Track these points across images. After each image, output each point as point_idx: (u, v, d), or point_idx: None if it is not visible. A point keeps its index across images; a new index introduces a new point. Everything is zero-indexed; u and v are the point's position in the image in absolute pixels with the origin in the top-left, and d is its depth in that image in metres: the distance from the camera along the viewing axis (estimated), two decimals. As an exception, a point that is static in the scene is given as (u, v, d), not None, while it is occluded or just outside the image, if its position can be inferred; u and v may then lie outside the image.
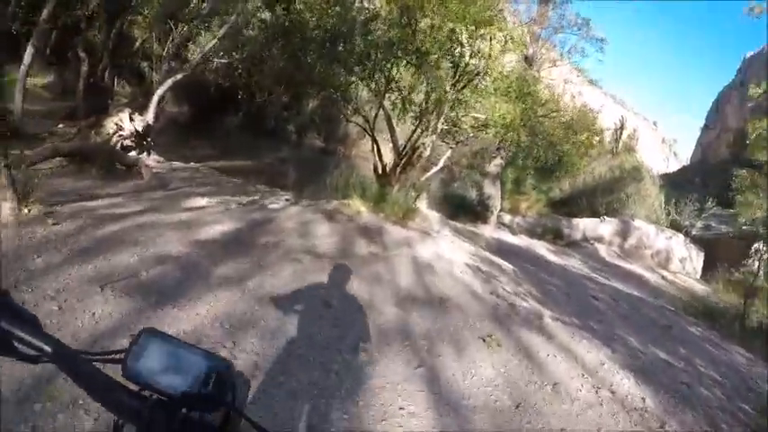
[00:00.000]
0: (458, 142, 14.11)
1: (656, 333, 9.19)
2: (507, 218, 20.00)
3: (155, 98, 13.37)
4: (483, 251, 11.87)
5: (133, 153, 11.86)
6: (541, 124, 13.44)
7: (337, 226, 9.73)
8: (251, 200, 10.61)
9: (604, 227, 20.43)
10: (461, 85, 11.81)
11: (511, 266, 10.83)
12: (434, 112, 11.74)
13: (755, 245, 19.48)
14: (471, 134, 13.19)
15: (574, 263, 16.34)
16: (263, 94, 23.01)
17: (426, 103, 11.73)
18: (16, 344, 1.04)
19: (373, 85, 12.50)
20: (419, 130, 12.37)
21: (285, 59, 12.37)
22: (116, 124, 11.71)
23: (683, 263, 20.38)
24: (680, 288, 17.43)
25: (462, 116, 11.87)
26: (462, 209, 17.86)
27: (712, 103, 55.79)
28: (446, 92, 11.41)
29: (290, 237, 8.64)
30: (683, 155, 78.39)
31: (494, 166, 17.98)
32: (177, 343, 1.09)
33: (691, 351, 8.49)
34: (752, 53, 48.24)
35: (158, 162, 13.16)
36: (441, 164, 13.82)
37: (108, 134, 11.46)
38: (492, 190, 17.75)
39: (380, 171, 12.89)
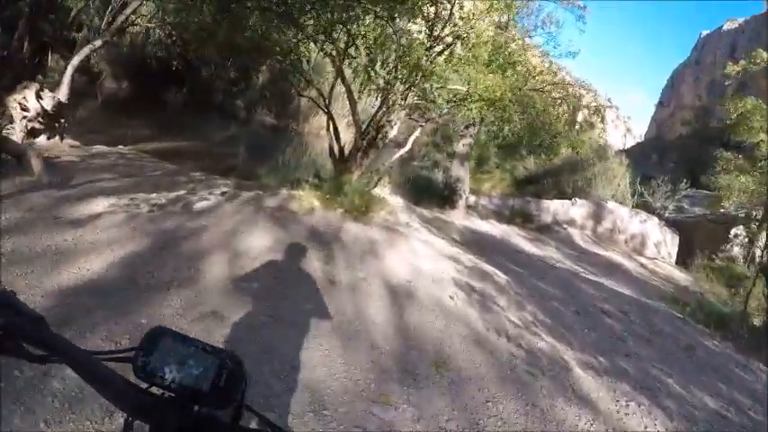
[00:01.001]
0: (428, 120, 11.64)
1: (683, 361, 7.42)
2: (472, 199, 17.67)
3: (68, 71, 10.72)
4: (465, 253, 9.56)
5: (41, 138, 9.49)
6: (532, 99, 11.12)
7: (282, 232, 7.29)
8: (174, 197, 7.88)
9: (576, 210, 18.28)
10: (437, 50, 9.36)
11: (503, 276, 8.57)
12: (406, 83, 9.24)
13: (734, 229, 17.77)
14: (446, 110, 10.77)
15: (553, 253, 14.16)
16: (209, 68, 20.52)
17: (396, 70, 9.21)
18: (24, 344, 0.99)
19: (330, 47, 9.81)
20: (384, 106, 9.89)
21: (218, 17, 9.54)
22: (19, 103, 9.10)
23: (657, 247, 18.39)
24: (662, 277, 15.46)
25: (438, 88, 9.41)
26: (428, 193, 15.52)
27: (667, 81, 55.21)
28: (425, 53, 8.95)
29: (211, 262, 5.90)
30: (636, 132, 77.39)
31: (462, 146, 15.64)
32: (188, 340, 1.00)
33: (729, 384, 6.95)
34: (707, 32, 47.95)
35: (72, 147, 10.40)
36: (409, 144, 11.32)
37: (9, 115, 8.95)
38: (461, 172, 15.44)
39: (338, 154, 10.41)
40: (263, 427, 1.04)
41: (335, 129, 10.36)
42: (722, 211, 17.70)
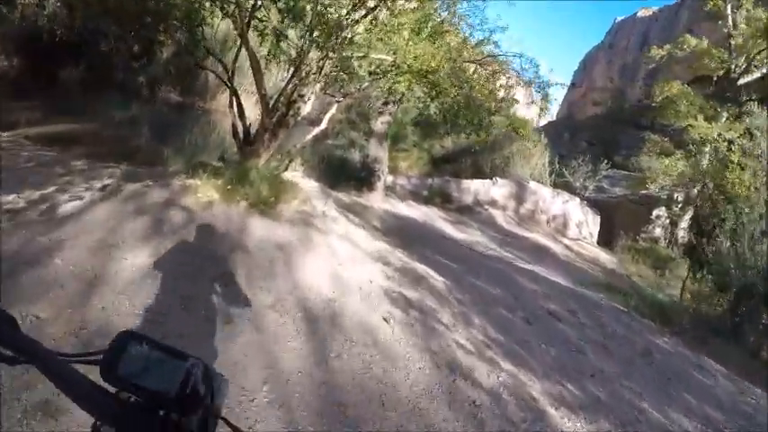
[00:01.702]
0: (346, 95, 10.14)
1: (645, 370, 6.47)
2: (389, 179, 16.33)
3: None
4: (391, 247, 8.31)
5: None
6: (465, 73, 9.80)
7: (167, 242, 5.55)
8: (38, 197, 6.03)
9: (497, 190, 17.23)
10: (359, 16, 7.72)
11: (439, 278, 7.28)
12: (323, 50, 7.70)
13: (656, 210, 17.19)
14: (368, 83, 9.32)
15: (478, 237, 13.12)
16: (108, 42, 18.36)
17: (311, 34, 7.62)
18: None
19: (233, 8, 7.99)
20: (297, 78, 8.31)
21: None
22: None
23: (579, 228, 17.62)
24: (588, 260, 14.70)
25: (359, 57, 7.92)
26: (344, 174, 14.07)
27: (580, 63, 55.84)
28: (345, 17, 7.40)
29: (57, 307, 3.94)
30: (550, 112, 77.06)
31: (380, 123, 14.23)
32: (156, 345, 0.97)
33: (696, 396, 6.11)
34: (622, 18, 49.25)
35: None
36: (324, 122, 9.76)
37: None
38: (379, 152, 14.04)
39: (242, 136, 8.76)
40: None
41: (240, 105, 8.69)
42: (643, 192, 17.08)
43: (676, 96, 16.25)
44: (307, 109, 8.63)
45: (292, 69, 8.50)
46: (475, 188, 17.12)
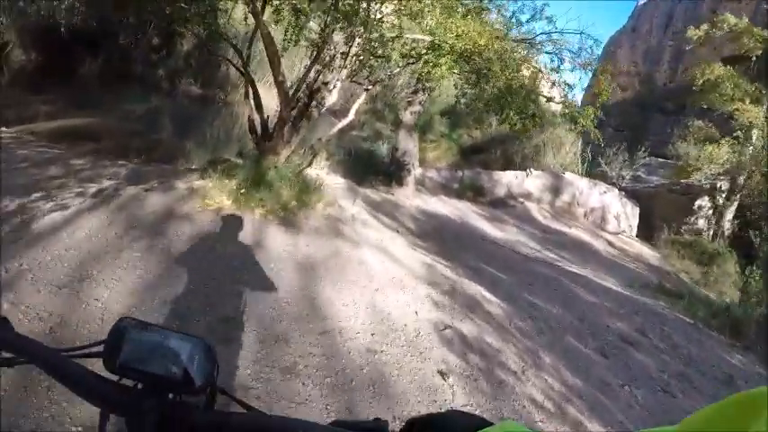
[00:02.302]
0: (376, 82, 8.84)
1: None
2: (419, 171, 15.07)
3: None
4: (431, 257, 7.20)
5: None
6: (515, 54, 8.43)
7: (153, 273, 4.33)
8: (16, 207, 4.88)
9: (531, 181, 15.84)
10: None
11: (493, 299, 6.05)
12: (347, 31, 6.46)
13: (699, 201, 15.73)
14: (399, 68, 8.06)
15: (518, 235, 11.82)
16: (127, 34, 17.23)
17: (335, 16, 6.31)
18: None
19: None
20: (319, 63, 7.06)
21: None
22: None
23: (618, 220, 16.17)
24: (632, 256, 13.32)
25: (392, 38, 6.62)
26: (372, 169, 12.83)
27: (603, 48, 53.92)
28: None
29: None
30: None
31: (409, 114, 12.94)
32: (156, 329, 0.92)
33: None
34: (644, 1, 47.38)
35: None
36: (352, 113, 8.43)
37: None
38: (409, 144, 12.77)
39: (260, 130, 7.55)
40: (237, 409, 0.93)
41: (256, 95, 7.45)
42: (684, 181, 15.63)
43: (720, 79, 14.70)
44: (332, 99, 7.42)
45: (314, 53, 7.24)
46: (507, 180, 15.77)
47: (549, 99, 10.01)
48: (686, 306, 8.77)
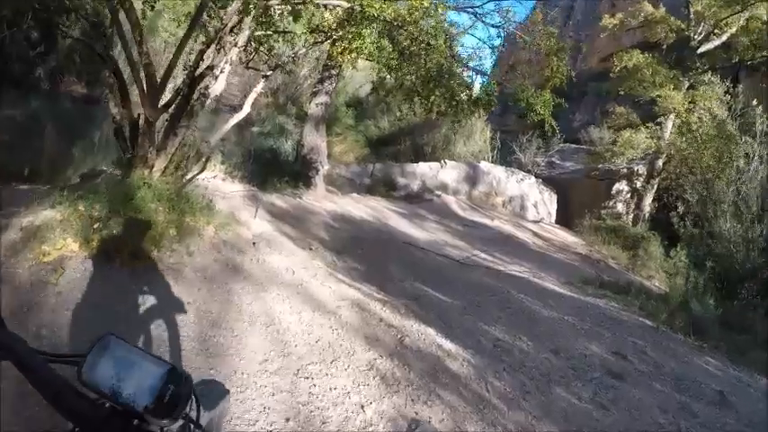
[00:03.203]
0: (277, 66, 6.97)
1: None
2: (327, 167, 13.26)
3: None
4: (359, 291, 5.52)
5: None
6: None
7: None
8: None
9: (446, 173, 14.41)
10: None
11: (455, 349, 4.47)
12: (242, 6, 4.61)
13: (617, 185, 14.75)
14: (306, 48, 6.27)
15: (441, 234, 10.33)
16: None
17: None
18: None
19: None
20: (201, 40, 5.16)
21: None
22: None
23: (537, 208, 15.07)
24: (559, 246, 12.11)
25: (294, 5, 4.75)
26: (275, 170, 10.97)
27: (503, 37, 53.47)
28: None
29: None
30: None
31: (315, 105, 11.13)
32: (136, 351, 0.92)
33: None
34: None
35: None
36: (247, 106, 6.49)
37: None
38: (316, 139, 10.94)
39: (127, 132, 5.54)
40: None
41: (122, 86, 5.49)
42: (600, 166, 14.59)
43: (640, 66, 13.76)
44: (219, 87, 5.50)
45: (192, 28, 5.29)
46: (421, 172, 14.28)
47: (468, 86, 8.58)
48: (641, 306, 7.64)
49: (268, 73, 6.76)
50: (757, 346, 6.77)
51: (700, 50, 14.36)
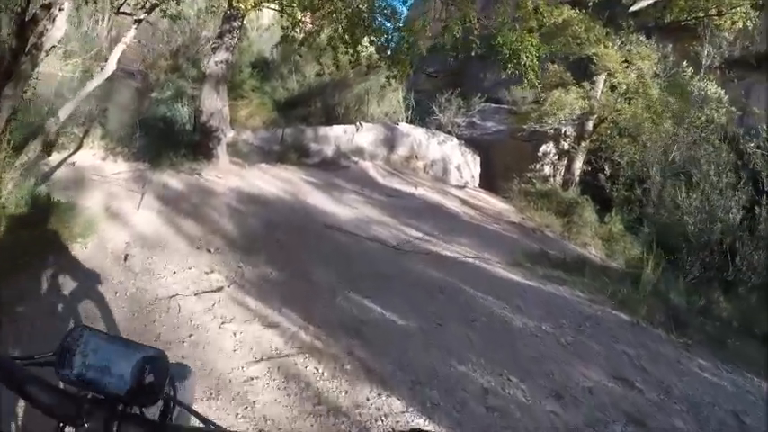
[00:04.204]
0: (154, 6, 5.00)
1: None
2: (230, 133, 11.33)
3: None
4: (292, 344, 3.77)
5: None
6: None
7: None
8: None
9: (362, 136, 12.71)
10: None
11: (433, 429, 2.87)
12: None
13: (544, 147, 13.61)
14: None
15: (364, 208, 8.71)
16: None
17: None
18: None
19: None
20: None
21: None
22: None
23: (459, 171, 13.65)
24: (491, 215, 10.74)
25: None
26: (171, 141, 9.03)
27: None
28: None
29: None
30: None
31: (215, 64, 9.10)
32: (109, 338, 0.88)
33: None
34: None
35: None
36: (112, 64, 4.57)
37: None
38: (216, 103, 8.95)
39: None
40: (194, 423, 0.91)
41: None
42: (525, 126, 13.27)
43: (571, 23, 12.34)
44: (58, 33, 3.67)
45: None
46: (335, 135, 12.58)
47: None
48: (610, 294, 6.35)
49: (141, 17, 4.89)
50: (732, 334, 5.84)
51: (632, 9, 13.20)
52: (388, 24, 7.17)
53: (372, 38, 6.21)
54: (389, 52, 6.76)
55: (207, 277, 4.27)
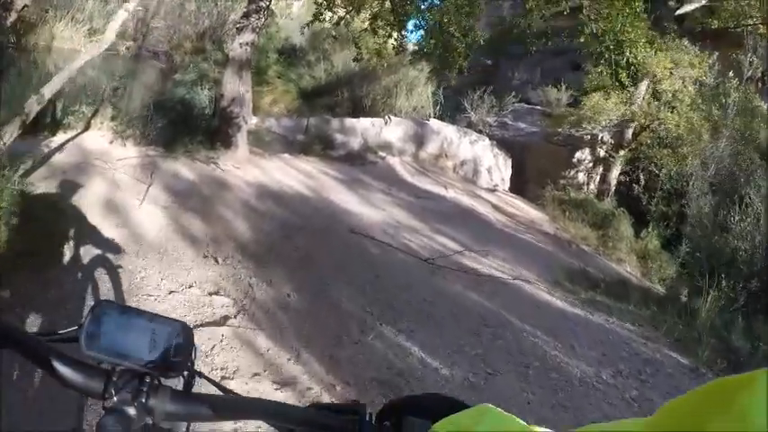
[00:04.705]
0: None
1: None
2: (254, 121, 10.53)
3: None
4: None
5: None
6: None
7: None
8: None
9: (391, 130, 11.84)
10: None
11: None
12: None
13: (579, 153, 12.68)
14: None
15: (391, 208, 7.90)
16: None
17: None
18: None
19: None
20: None
21: None
22: None
23: (490, 173, 12.70)
24: (524, 222, 9.88)
25: None
26: (188, 126, 8.23)
27: None
28: None
29: None
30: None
31: (239, 46, 8.22)
32: (134, 311, 0.82)
33: None
34: None
35: None
36: (108, 37, 3.73)
37: None
38: (239, 88, 8.12)
39: None
40: (214, 393, 0.83)
41: None
42: (560, 130, 12.33)
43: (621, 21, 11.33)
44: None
45: None
46: (362, 128, 11.73)
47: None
48: (665, 331, 5.44)
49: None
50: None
51: (678, 12, 12.19)
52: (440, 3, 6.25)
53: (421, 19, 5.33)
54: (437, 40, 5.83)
55: (210, 301, 3.45)
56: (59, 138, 6.04)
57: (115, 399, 0.74)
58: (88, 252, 3.64)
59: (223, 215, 5.31)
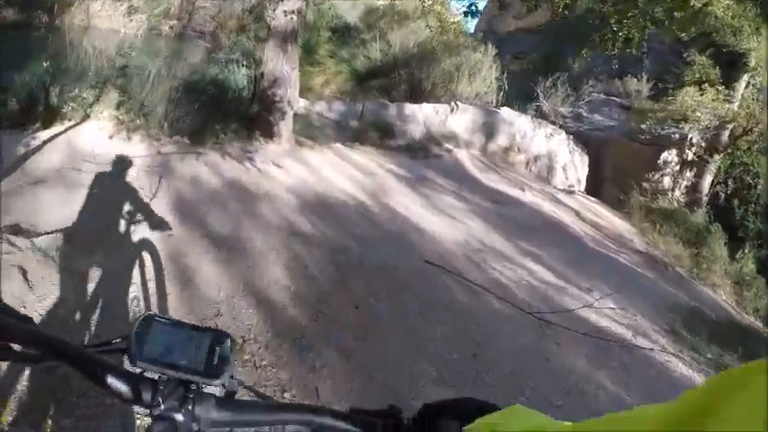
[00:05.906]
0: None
1: None
2: (302, 103, 8.70)
3: None
4: None
5: None
6: None
7: None
8: None
9: (457, 119, 9.91)
10: None
11: None
12: None
13: (665, 154, 10.59)
14: None
15: (466, 219, 6.05)
16: None
17: None
18: (14, 346, 0.83)
19: None
20: None
21: None
22: None
23: (565, 171, 10.80)
24: (611, 235, 7.91)
25: None
26: (219, 111, 6.58)
27: None
28: None
29: None
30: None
31: (284, 15, 6.46)
32: (178, 323, 0.83)
33: None
34: None
35: None
36: None
37: None
38: (282, 66, 6.40)
39: None
40: (253, 399, 0.87)
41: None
42: (643, 126, 10.44)
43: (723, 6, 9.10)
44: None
45: None
46: (425, 115, 9.86)
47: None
48: None
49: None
50: None
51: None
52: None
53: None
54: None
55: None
56: (54, 130, 4.47)
57: (163, 407, 0.74)
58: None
59: (248, 241, 3.61)
